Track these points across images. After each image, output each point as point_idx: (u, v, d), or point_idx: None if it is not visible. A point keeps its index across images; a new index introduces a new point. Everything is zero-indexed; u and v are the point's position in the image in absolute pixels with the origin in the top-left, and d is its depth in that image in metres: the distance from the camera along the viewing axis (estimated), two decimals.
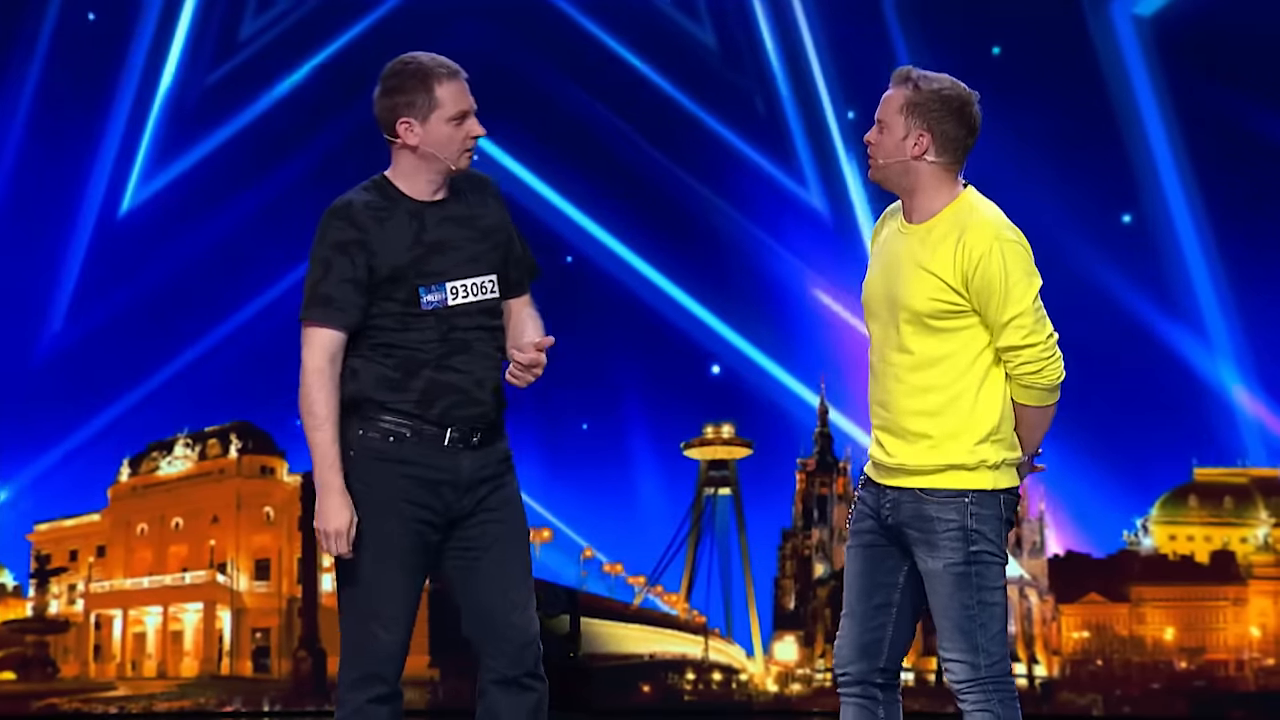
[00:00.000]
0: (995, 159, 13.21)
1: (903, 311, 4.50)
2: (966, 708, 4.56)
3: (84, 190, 14.03)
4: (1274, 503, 13.86)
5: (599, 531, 14.06)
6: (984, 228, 4.47)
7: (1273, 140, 13.15)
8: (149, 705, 13.93)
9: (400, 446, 4.40)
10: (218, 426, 14.46)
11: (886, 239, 4.63)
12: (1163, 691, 13.48)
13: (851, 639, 4.66)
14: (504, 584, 4.48)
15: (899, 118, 4.49)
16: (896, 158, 4.52)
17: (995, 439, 4.54)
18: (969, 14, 13.45)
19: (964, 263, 4.45)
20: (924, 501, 4.54)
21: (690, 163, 14.07)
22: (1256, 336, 13.28)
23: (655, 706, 14.18)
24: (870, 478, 4.65)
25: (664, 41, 14.08)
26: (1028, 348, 4.52)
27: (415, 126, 4.39)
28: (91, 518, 14.62)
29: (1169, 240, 13.44)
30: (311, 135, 13.85)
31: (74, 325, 13.97)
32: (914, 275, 4.49)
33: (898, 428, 4.56)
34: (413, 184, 4.44)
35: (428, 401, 4.39)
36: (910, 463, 4.55)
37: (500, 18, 13.77)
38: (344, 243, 4.35)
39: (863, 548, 4.65)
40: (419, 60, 4.41)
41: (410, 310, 4.39)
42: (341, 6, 14.05)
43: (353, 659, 4.44)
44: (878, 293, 4.57)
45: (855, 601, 4.65)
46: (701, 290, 14.05)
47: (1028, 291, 4.47)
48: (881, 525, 4.62)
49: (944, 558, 4.52)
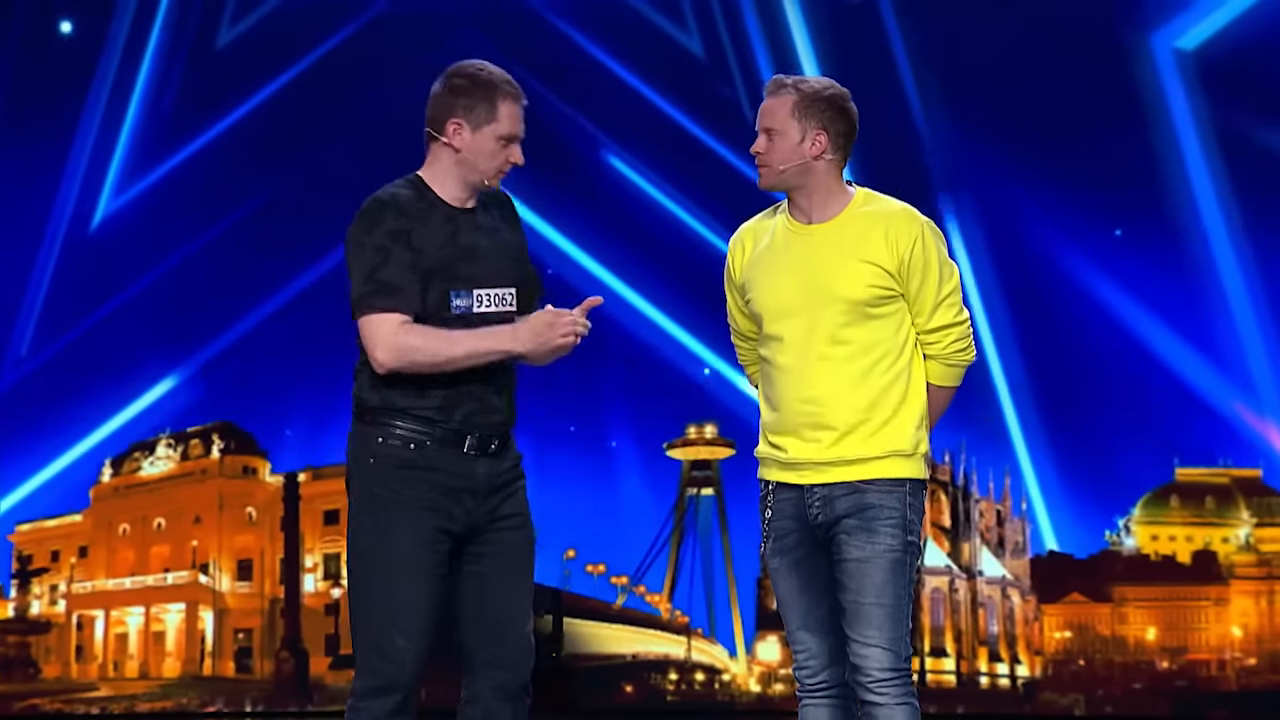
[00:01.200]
0: (1028, 185, 13.30)
1: (838, 304, 4.55)
2: (885, 700, 4.51)
3: (57, 196, 13.97)
4: (1255, 503, 13.88)
5: (582, 531, 14.06)
6: (906, 214, 4.61)
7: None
8: (131, 706, 13.90)
9: (422, 453, 4.37)
10: (200, 427, 14.43)
11: (778, 246, 4.65)
12: (1145, 691, 13.50)
13: (816, 648, 4.63)
14: (513, 595, 4.47)
15: (791, 122, 4.56)
16: (794, 161, 4.58)
17: (923, 424, 4.62)
18: (989, 36, 13.34)
19: (899, 247, 4.54)
20: (864, 491, 4.56)
21: (675, 168, 14.06)
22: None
23: (638, 707, 14.17)
24: (784, 482, 4.63)
25: (650, 50, 14.03)
26: (957, 325, 4.64)
27: (465, 131, 4.40)
28: (73, 518, 14.59)
29: (1208, 271, 13.39)
30: (291, 146, 13.79)
31: (46, 337, 13.92)
32: (848, 266, 4.55)
33: (833, 422, 4.56)
34: (446, 187, 4.44)
35: (449, 408, 4.38)
36: (849, 454, 4.56)
37: (486, 28, 13.72)
38: (398, 231, 4.33)
39: (794, 563, 4.63)
40: (491, 70, 4.44)
41: (438, 313, 4.37)
42: (322, 16, 13.97)
43: (370, 666, 4.38)
44: (790, 295, 4.60)
45: (807, 613, 4.62)
46: (689, 293, 14.05)
47: (954, 272, 4.64)
48: (807, 529, 4.60)
49: (883, 544, 4.53)
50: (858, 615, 4.52)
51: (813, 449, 4.57)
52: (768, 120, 4.59)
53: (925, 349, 4.65)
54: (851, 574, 4.52)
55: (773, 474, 4.67)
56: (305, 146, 13.67)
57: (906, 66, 13.57)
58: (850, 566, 4.53)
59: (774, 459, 4.67)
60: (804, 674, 4.66)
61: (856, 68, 13.39)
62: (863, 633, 4.52)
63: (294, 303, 13.82)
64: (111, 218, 14.00)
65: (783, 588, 4.64)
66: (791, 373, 4.61)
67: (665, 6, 14.05)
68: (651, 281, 14.09)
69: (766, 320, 4.64)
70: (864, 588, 4.51)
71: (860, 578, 4.51)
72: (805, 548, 4.62)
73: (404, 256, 4.31)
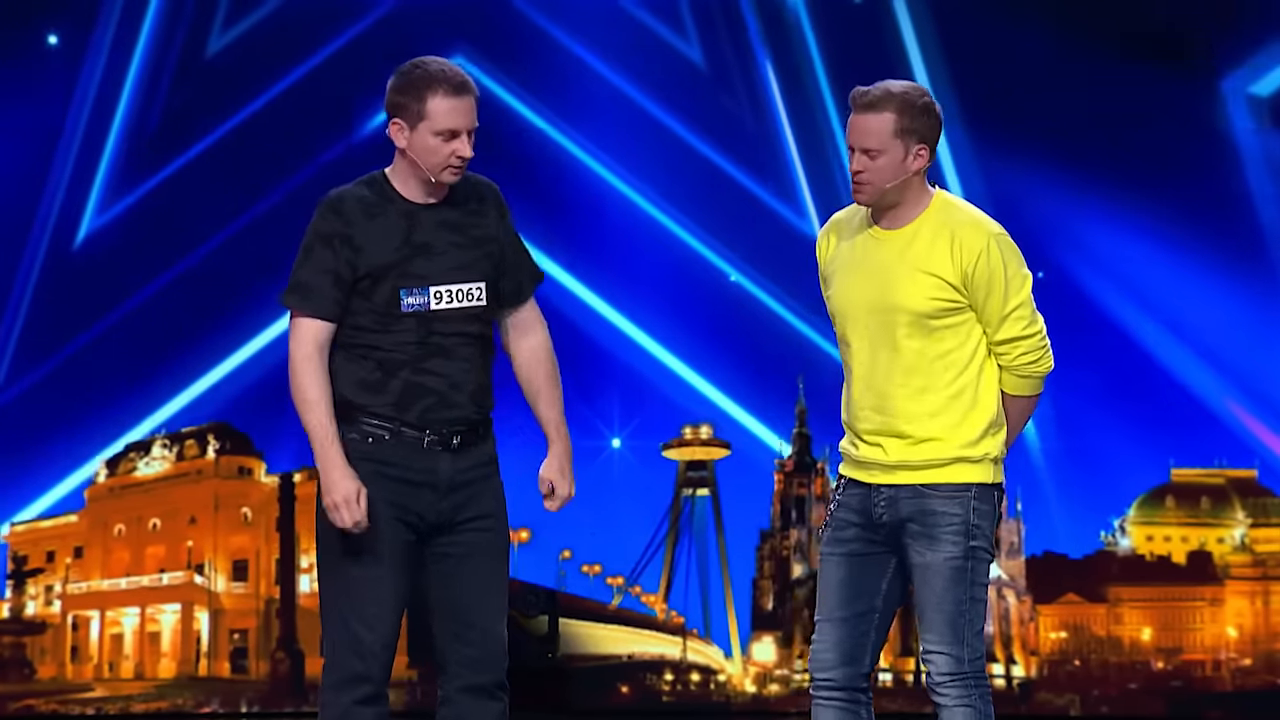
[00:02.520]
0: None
1: (900, 315, 4.53)
2: (947, 702, 4.56)
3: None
4: (1250, 503, 13.90)
5: (577, 532, 14.06)
6: (976, 225, 4.54)
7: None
8: (126, 706, 13.90)
9: (380, 448, 4.38)
10: (195, 427, 14.42)
11: (857, 247, 4.63)
12: (1140, 691, 13.51)
13: (833, 644, 4.64)
14: (480, 592, 4.46)
15: (895, 141, 4.48)
16: (899, 178, 4.52)
17: (994, 432, 4.60)
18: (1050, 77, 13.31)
19: (963, 260, 4.50)
20: (926, 496, 4.55)
21: (676, 177, 14.06)
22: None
23: (633, 707, 14.18)
24: (855, 479, 4.64)
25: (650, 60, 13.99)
26: (1027, 338, 4.59)
27: (405, 130, 4.38)
28: (68, 519, 14.57)
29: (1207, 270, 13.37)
30: (280, 161, 13.73)
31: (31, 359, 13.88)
32: (911, 278, 4.53)
33: (897, 430, 4.57)
34: (406, 184, 4.43)
35: (405, 404, 4.38)
36: (914, 459, 4.56)
37: (479, 39, 13.69)
38: (328, 234, 4.35)
39: (846, 555, 4.63)
40: (425, 67, 4.39)
41: (390, 311, 4.37)
42: (312, 26, 13.86)
43: (336, 660, 4.40)
44: (859, 301, 4.58)
45: (836, 608, 4.63)
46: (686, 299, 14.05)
47: (1025, 283, 4.56)
48: (870, 527, 4.61)
49: (944, 551, 4.53)
50: (921, 619, 4.57)
51: (878, 452, 4.58)
52: (868, 140, 4.48)
53: (998, 359, 4.62)
54: (916, 579, 4.57)
55: (845, 468, 4.68)
56: (293, 159, 13.65)
57: None
58: (915, 572, 4.56)
59: (847, 454, 4.67)
60: (815, 667, 4.66)
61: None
62: (924, 638, 4.57)
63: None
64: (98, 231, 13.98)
65: (827, 576, 4.64)
66: (860, 377, 4.61)
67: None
68: (649, 286, 14.09)
69: (838, 321, 4.65)
70: (926, 593, 4.54)
71: (922, 583, 4.55)
72: (861, 544, 4.63)
73: (326, 260, 4.32)
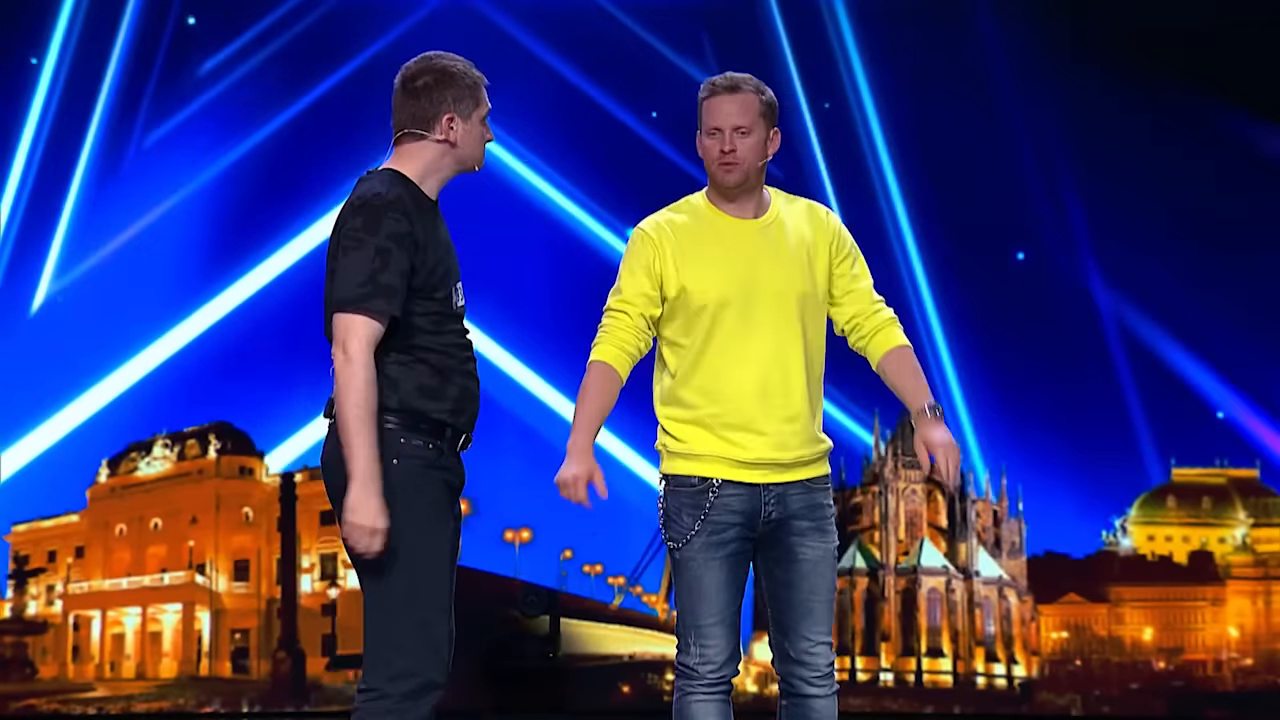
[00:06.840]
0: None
1: (802, 299, 4.59)
2: (824, 693, 4.58)
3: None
4: (1252, 503, 13.89)
5: (578, 532, 14.06)
6: (811, 202, 4.75)
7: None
8: (128, 706, 13.90)
9: (440, 455, 4.34)
10: (196, 427, 14.42)
11: (721, 237, 4.62)
12: (1141, 691, 13.50)
13: (724, 644, 4.62)
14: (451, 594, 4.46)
15: (760, 121, 4.59)
16: (760, 160, 4.62)
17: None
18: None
19: (829, 233, 4.67)
20: (813, 491, 4.62)
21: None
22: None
23: (635, 707, 14.18)
24: (734, 480, 4.59)
25: None
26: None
27: (459, 123, 4.41)
28: (70, 518, 14.58)
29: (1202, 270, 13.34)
30: (268, 192, 13.67)
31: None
32: (806, 259, 4.62)
33: (793, 416, 4.57)
34: (430, 183, 4.43)
35: (460, 408, 4.37)
36: (806, 452, 4.60)
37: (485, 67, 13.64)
38: (400, 235, 4.26)
39: (727, 557, 4.60)
40: (462, 60, 4.48)
41: (446, 310, 4.36)
42: (307, 60, 13.72)
43: (410, 665, 4.28)
44: (737, 287, 4.58)
45: (725, 608, 4.61)
46: None
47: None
48: (750, 527, 4.59)
49: (830, 541, 4.61)
50: (810, 613, 4.58)
51: (780, 450, 4.57)
52: (740, 118, 4.57)
53: (878, 316, 4.71)
54: (806, 574, 4.58)
55: (717, 470, 4.60)
56: (300, 154, 13.63)
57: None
58: (805, 566, 4.57)
59: (719, 455, 4.60)
60: (708, 669, 4.62)
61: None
62: (815, 630, 4.58)
63: (289, 302, 13.80)
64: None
65: (707, 580, 4.60)
66: (740, 366, 4.58)
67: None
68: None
69: (705, 312, 4.59)
70: (818, 586, 4.58)
71: (815, 577, 4.58)
72: (742, 544, 4.63)
73: (402, 263, 4.25)
